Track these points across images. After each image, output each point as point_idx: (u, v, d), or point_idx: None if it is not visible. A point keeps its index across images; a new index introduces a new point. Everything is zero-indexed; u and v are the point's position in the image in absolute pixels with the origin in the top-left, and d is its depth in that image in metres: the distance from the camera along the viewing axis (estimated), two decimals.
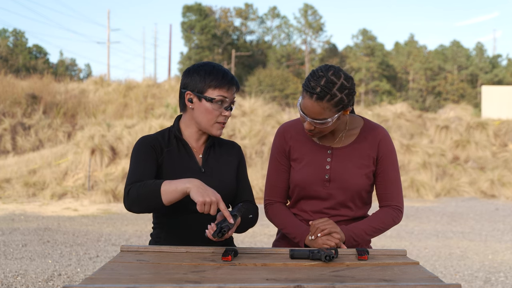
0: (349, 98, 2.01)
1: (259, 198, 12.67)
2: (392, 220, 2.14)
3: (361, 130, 2.17)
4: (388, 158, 2.15)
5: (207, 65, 2.08)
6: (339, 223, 2.12)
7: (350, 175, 2.11)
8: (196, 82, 2.04)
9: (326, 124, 2.01)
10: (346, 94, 1.98)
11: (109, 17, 56.67)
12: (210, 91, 2.03)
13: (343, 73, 2.00)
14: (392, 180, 2.15)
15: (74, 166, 14.18)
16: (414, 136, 17.22)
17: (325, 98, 1.96)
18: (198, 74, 2.05)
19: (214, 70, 2.05)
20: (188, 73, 2.08)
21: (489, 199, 13.63)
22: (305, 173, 2.14)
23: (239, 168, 2.19)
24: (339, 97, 1.97)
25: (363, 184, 2.12)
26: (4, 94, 19.01)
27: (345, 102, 1.99)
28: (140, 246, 1.95)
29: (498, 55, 54.46)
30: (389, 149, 2.16)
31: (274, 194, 2.23)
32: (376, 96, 48.21)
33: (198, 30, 46.38)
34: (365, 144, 2.14)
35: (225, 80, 2.04)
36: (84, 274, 5.49)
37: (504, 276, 5.71)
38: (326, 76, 1.97)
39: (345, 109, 2.03)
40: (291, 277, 1.57)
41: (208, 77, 2.04)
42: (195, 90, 2.04)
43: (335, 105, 1.98)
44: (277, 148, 2.22)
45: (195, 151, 2.12)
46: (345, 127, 2.16)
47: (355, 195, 2.13)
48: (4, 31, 48.88)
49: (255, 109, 17.85)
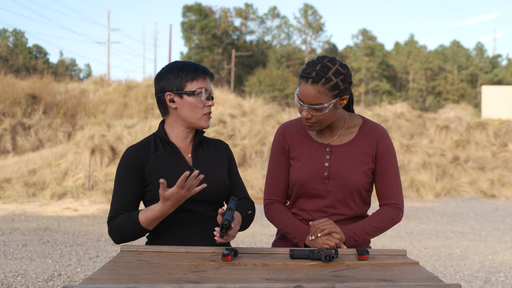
0: (345, 85, 2.04)
1: (259, 198, 12.66)
2: (392, 219, 2.14)
3: (360, 129, 2.17)
4: (387, 156, 2.15)
5: (176, 63, 2.10)
6: (339, 222, 2.12)
7: (349, 172, 2.11)
8: (172, 81, 2.06)
9: (322, 110, 2.03)
10: (342, 80, 2.02)
11: (109, 17, 56.70)
12: (189, 85, 2.05)
13: (338, 61, 2.06)
14: (392, 178, 2.15)
15: (74, 166, 14.18)
16: (414, 136, 17.22)
17: (320, 81, 2.00)
18: (172, 73, 2.06)
19: (185, 65, 2.08)
20: (161, 76, 2.09)
21: (489, 199, 13.63)
22: (304, 171, 2.14)
23: (230, 165, 2.20)
24: (335, 81, 2.01)
25: (362, 182, 2.12)
26: (4, 94, 19.00)
27: (341, 87, 2.03)
28: (140, 246, 1.95)
29: (498, 55, 54.47)
30: (388, 147, 2.16)
31: (274, 194, 2.23)
32: (376, 96, 48.22)
33: (198, 30, 46.37)
34: (364, 142, 2.15)
35: (199, 71, 2.07)
36: (84, 274, 5.49)
37: (504, 276, 5.71)
38: (321, 62, 2.03)
39: (341, 96, 2.05)
40: (291, 277, 1.57)
41: (182, 72, 2.05)
42: (174, 89, 2.05)
43: (331, 89, 2.01)
44: (277, 147, 2.23)
45: (183, 151, 2.11)
46: (343, 124, 2.17)
47: (355, 192, 2.12)
48: (4, 31, 48.87)
49: (255, 109, 17.85)
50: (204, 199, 2.05)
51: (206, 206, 2.07)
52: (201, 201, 2.05)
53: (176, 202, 1.93)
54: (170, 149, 2.10)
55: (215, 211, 2.08)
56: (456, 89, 47.65)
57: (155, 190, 2.02)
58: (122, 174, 2.07)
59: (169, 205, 1.93)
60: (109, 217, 2.06)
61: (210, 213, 2.08)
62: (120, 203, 2.05)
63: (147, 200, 2.08)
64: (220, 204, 2.14)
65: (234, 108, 17.94)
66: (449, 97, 46.53)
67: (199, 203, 2.04)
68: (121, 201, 2.05)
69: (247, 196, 2.21)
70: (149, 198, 2.07)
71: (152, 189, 2.04)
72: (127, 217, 2.01)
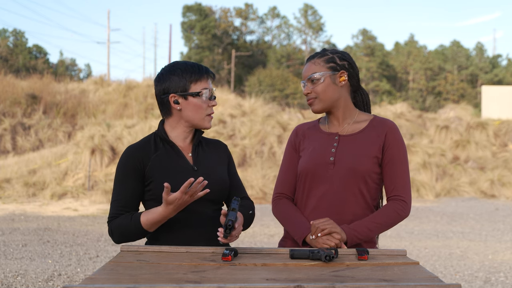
0: (343, 62, 2.17)
1: (259, 198, 12.67)
2: (398, 214, 2.09)
3: (369, 122, 2.21)
4: (395, 148, 2.14)
5: (178, 64, 2.10)
6: (344, 212, 2.11)
7: (354, 158, 2.11)
8: (176, 82, 2.05)
9: (317, 82, 2.14)
10: (339, 57, 2.17)
11: (109, 17, 56.70)
12: (193, 86, 2.05)
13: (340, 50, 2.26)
14: (399, 171, 2.12)
15: (74, 166, 14.19)
16: (414, 136, 17.22)
17: (317, 56, 2.20)
18: (175, 74, 2.06)
19: (188, 66, 2.07)
20: (163, 78, 2.08)
21: (489, 199, 13.63)
22: (310, 157, 2.17)
23: (229, 165, 2.21)
24: (330, 56, 2.17)
25: (368, 169, 2.11)
26: (4, 94, 19.01)
27: (337, 62, 2.16)
28: (140, 246, 1.95)
29: (498, 55, 54.46)
30: (397, 139, 2.15)
31: (283, 188, 2.25)
32: (376, 96, 48.20)
33: (198, 30, 46.35)
34: (373, 132, 2.17)
35: (202, 72, 2.07)
36: (84, 274, 5.49)
37: (504, 276, 5.71)
38: (323, 49, 2.25)
39: (339, 71, 2.16)
40: (291, 277, 1.57)
41: (186, 74, 2.05)
42: (178, 90, 2.05)
43: (326, 61, 2.16)
44: (289, 144, 2.30)
45: (183, 151, 2.12)
46: (351, 114, 2.21)
47: (360, 180, 2.10)
48: (4, 31, 48.85)
49: (255, 109, 17.85)
50: (205, 198, 2.05)
51: (206, 206, 2.07)
52: (201, 200, 2.05)
53: (179, 207, 1.94)
54: (170, 149, 2.10)
55: (215, 210, 2.09)
56: (456, 89, 47.64)
57: (155, 189, 2.03)
58: (122, 173, 2.07)
59: (171, 209, 1.93)
60: (110, 217, 2.06)
61: (210, 213, 2.08)
62: (120, 202, 2.05)
63: (147, 199, 2.08)
64: (220, 204, 2.14)
65: (234, 108, 17.94)
66: (449, 97, 46.51)
67: (199, 203, 2.05)
68: (121, 200, 2.05)
69: (246, 196, 2.22)
70: (149, 197, 2.07)
71: (153, 188, 2.04)
72: (128, 218, 2.01)
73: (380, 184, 2.19)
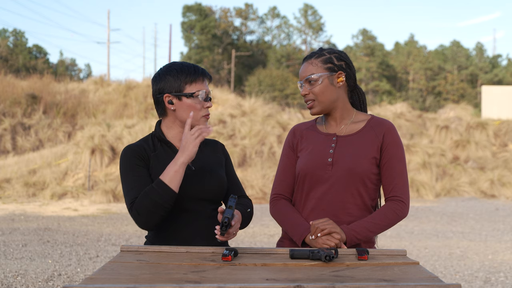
0: (340, 62, 2.15)
1: (259, 198, 12.67)
2: (396, 214, 2.10)
3: (367, 122, 2.20)
4: (393, 148, 2.14)
5: (175, 64, 2.10)
6: (343, 213, 2.11)
7: (352, 158, 2.11)
8: (171, 82, 2.05)
9: (315, 83, 2.13)
10: (336, 57, 2.16)
11: (109, 17, 56.68)
12: (188, 87, 2.05)
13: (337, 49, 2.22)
14: (397, 171, 2.13)
15: (74, 166, 14.19)
16: (414, 136, 17.22)
17: (314, 56, 2.18)
18: (170, 75, 2.06)
19: (184, 67, 2.07)
20: (159, 78, 2.08)
21: (489, 199, 13.63)
22: (308, 158, 2.17)
23: (226, 164, 2.22)
24: (328, 56, 2.16)
25: (366, 170, 2.11)
26: (4, 94, 19.01)
27: (334, 62, 2.14)
28: (140, 246, 1.95)
29: (498, 55, 54.47)
30: (395, 140, 2.15)
31: (280, 189, 2.25)
32: (376, 96, 48.20)
33: (198, 30, 46.36)
34: (371, 133, 2.16)
35: (198, 73, 2.07)
36: (84, 274, 5.49)
37: (504, 276, 5.71)
38: (320, 48, 2.22)
39: (336, 72, 2.14)
40: (291, 277, 1.57)
41: (181, 74, 2.05)
42: (173, 90, 2.05)
43: (323, 62, 2.14)
44: (287, 144, 2.29)
45: None
46: (349, 115, 2.20)
47: (358, 181, 2.11)
48: (4, 31, 48.86)
49: (255, 109, 17.85)
50: (203, 198, 2.07)
51: (205, 205, 2.08)
52: (200, 200, 2.06)
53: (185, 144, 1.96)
54: (168, 149, 2.11)
55: (214, 210, 2.10)
56: (456, 89, 47.64)
57: None
58: (129, 165, 2.03)
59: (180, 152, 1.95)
60: (129, 203, 1.98)
61: (209, 212, 2.09)
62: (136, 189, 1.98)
63: None
64: (218, 203, 2.15)
65: (234, 108, 17.94)
66: (449, 97, 46.51)
67: (198, 202, 2.06)
68: (135, 187, 1.99)
69: (244, 194, 2.23)
70: None
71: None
72: (148, 189, 1.94)
73: (378, 185, 2.19)
